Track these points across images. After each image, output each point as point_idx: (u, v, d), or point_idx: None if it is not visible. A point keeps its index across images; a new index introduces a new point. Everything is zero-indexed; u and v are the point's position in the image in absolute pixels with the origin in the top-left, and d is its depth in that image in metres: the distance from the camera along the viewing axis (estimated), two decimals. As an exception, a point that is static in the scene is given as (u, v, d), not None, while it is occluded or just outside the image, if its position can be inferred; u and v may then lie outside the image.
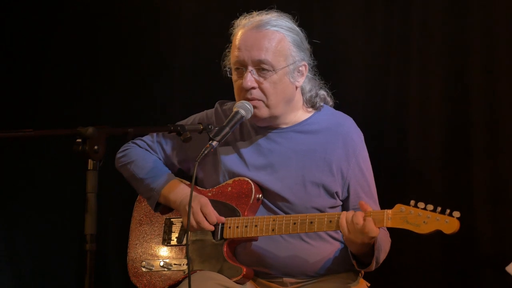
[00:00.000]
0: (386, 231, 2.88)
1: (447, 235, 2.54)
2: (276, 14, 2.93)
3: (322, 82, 3.02)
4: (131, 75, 4.37)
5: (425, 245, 3.66)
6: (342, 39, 3.90)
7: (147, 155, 3.06)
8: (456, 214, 2.52)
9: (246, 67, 2.84)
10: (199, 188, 2.99)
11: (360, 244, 2.70)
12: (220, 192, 2.93)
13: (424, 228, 2.56)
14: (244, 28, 2.89)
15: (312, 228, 2.74)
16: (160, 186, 2.95)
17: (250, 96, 2.84)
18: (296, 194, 2.87)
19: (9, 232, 4.53)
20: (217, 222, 2.86)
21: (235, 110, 2.82)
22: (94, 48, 4.44)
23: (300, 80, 2.92)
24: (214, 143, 2.71)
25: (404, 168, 3.78)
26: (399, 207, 2.61)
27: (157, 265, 3.00)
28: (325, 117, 2.98)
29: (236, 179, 2.92)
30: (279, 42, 2.86)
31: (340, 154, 2.91)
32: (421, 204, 2.56)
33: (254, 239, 2.86)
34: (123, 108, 4.34)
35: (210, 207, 2.85)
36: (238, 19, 2.95)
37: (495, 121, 3.63)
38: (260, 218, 2.81)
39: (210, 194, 2.94)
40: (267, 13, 2.93)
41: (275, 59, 2.84)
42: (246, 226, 2.82)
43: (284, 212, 2.86)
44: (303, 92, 2.97)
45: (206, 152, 2.69)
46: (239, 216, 2.86)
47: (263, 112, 2.87)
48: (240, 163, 2.94)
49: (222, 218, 2.87)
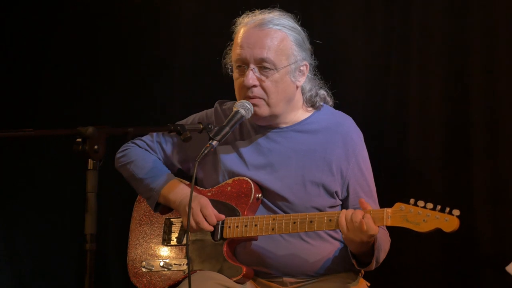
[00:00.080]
0: (385, 230, 2.89)
1: (447, 234, 2.55)
2: (278, 13, 2.93)
3: (322, 82, 3.02)
4: (131, 75, 4.37)
5: (425, 245, 3.66)
6: (342, 39, 3.90)
7: (147, 155, 3.06)
8: (456, 212, 2.52)
9: (248, 65, 2.83)
10: (198, 188, 2.99)
11: (359, 242, 2.69)
12: (220, 192, 2.93)
13: (423, 227, 2.56)
14: (246, 26, 2.88)
15: (312, 227, 2.73)
16: (160, 186, 2.94)
17: (251, 94, 2.84)
18: (295, 193, 2.87)
19: (9, 232, 4.53)
20: (217, 222, 2.87)
21: (235, 109, 2.82)
22: (94, 48, 4.44)
23: (301, 80, 2.92)
24: (214, 142, 2.71)
25: (404, 168, 3.78)
26: (398, 205, 2.61)
27: (157, 265, 3.00)
28: (325, 116, 2.98)
29: (236, 178, 2.92)
30: (282, 41, 2.86)
31: (339, 153, 2.91)
32: (420, 203, 2.56)
33: (254, 239, 2.86)
34: (123, 108, 4.34)
35: (210, 208, 2.85)
36: (240, 17, 2.95)
37: (495, 121, 3.63)
38: (259, 217, 2.81)
39: (209, 194, 2.94)
40: (269, 12, 2.93)
41: (277, 58, 2.83)
42: (246, 226, 2.82)
43: (284, 212, 2.86)
44: (303, 92, 2.97)
45: (206, 151, 2.69)
46: (239, 215, 2.86)
47: (263, 110, 2.86)
48: (239, 162, 2.94)
49: (222, 216, 2.86)
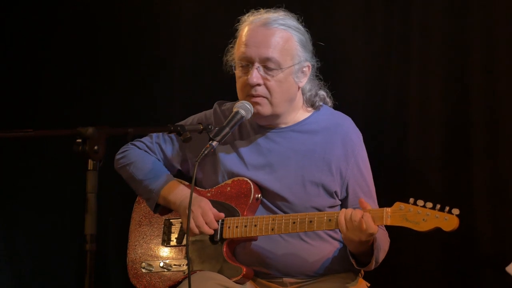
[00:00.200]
0: (385, 230, 2.89)
1: (447, 233, 2.55)
2: (283, 13, 2.93)
3: (322, 83, 3.02)
4: (131, 75, 4.36)
5: (424, 244, 3.66)
6: (342, 39, 3.89)
7: (146, 157, 3.06)
8: (455, 211, 2.52)
9: (253, 64, 2.83)
10: (198, 188, 2.99)
11: (358, 242, 2.69)
12: (219, 192, 2.93)
13: (423, 226, 2.56)
14: (251, 24, 2.88)
15: (312, 227, 2.73)
16: (159, 187, 2.94)
17: (254, 93, 2.84)
18: (295, 193, 2.87)
19: (9, 232, 4.52)
20: (217, 225, 2.87)
21: (235, 110, 2.82)
22: (94, 48, 4.43)
23: (303, 81, 2.92)
24: (214, 143, 2.70)
25: (404, 168, 3.78)
26: (398, 205, 2.61)
27: (157, 266, 3.00)
28: (324, 117, 2.98)
29: (235, 179, 2.92)
30: (287, 41, 2.86)
31: (339, 154, 2.91)
32: (420, 202, 2.57)
33: (254, 239, 2.86)
34: (123, 108, 4.33)
35: (211, 214, 2.85)
36: (245, 15, 2.94)
37: (495, 121, 3.62)
38: (259, 217, 2.81)
39: (209, 195, 2.94)
40: (274, 11, 2.93)
41: (282, 57, 2.84)
42: (246, 226, 2.82)
43: (284, 212, 2.86)
44: (303, 92, 2.97)
45: (206, 152, 2.68)
46: (239, 216, 2.86)
47: (266, 109, 2.86)
48: (239, 163, 2.94)
49: (222, 214, 2.86)
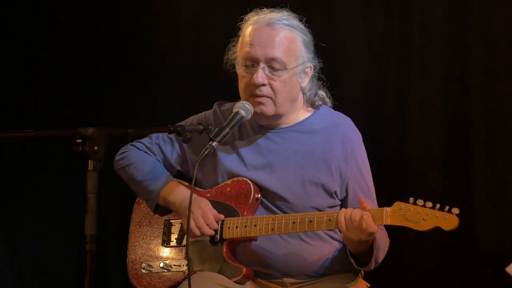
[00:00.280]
0: (384, 231, 2.89)
1: (447, 232, 2.54)
2: (286, 13, 2.92)
3: (321, 83, 3.02)
4: (131, 75, 4.37)
5: (424, 244, 3.66)
6: (342, 39, 3.90)
7: (146, 157, 3.05)
8: (455, 210, 2.52)
9: (258, 63, 2.82)
10: (198, 189, 2.99)
11: (358, 242, 2.69)
12: (219, 193, 2.93)
13: (423, 225, 2.56)
14: (255, 24, 2.87)
15: (312, 227, 2.73)
16: (159, 188, 2.94)
17: (259, 93, 2.83)
18: (295, 193, 2.87)
19: (9, 232, 4.52)
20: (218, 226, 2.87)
21: (235, 110, 2.82)
22: (94, 48, 4.43)
23: (305, 81, 2.93)
24: (214, 143, 2.70)
25: (404, 168, 3.78)
26: (398, 204, 2.61)
27: (157, 266, 3.00)
28: (323, 117, 2.98)
29: (235, 179, 2.91)
30: (292, 41, 2.86)
31: (338, 154, 2.91)
32: (420, 201, 2.56)
33: (254, 239, 2.86)
34: (123, 108, 4.34)
35: (211, 215, 2.85)
36: (248, 14, 2.94)
37: (495, 121, 3.62)
38: (259, 217, 2.81)
39: (209, 195, 2.94)
40: (278, 11, 2.92)
41: (287, 58, 2.83)
42: (246, 226, 2.82)
43: (283, 212, 2.86)
44: (304, 92, 2.97)
45: (206, 152, 2.68)
46: (238, 216, 2.86)
47: (269, 109, 2.86)
48: (239, 163, 2.94)
49: (221, 216, 2.86)
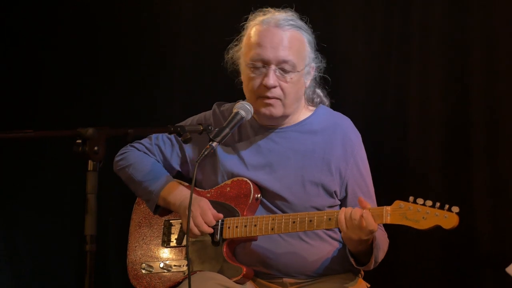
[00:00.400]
0: (384, 231, 2.89)
1: (447, 231, 2.54)
2: (290, 13, 2.92)
3: (319, 82, 3.01)
4: (131, 75, 4.37)
5: (424, 243, 3.66)
6: (342, 39, 3.90)
7: (146, 158, 3.05)
8: (455, 209, 2.52)
9: (269, 65, 2.82)
10: (198, 189, 2.98)
11: (358, 241, 2.69)
12: (219, 193, 2.92)
13: (423, 224, 2.56)
14: (263, 24, 2.85)
15: (312, 226, 2.73)
16: (159, 189, 2.94)
17: (270, 95, 2.83)
18: (295, 193, 2.87)
19: (9, 232, 4.53)
20: (216, 222, 2.86)
21: (235, 111, 2.82)
22: (94, 48, 4.43)
23: (308, 81, 2.93)
24: (214, 144, 2.70)
25: (404, 168, 3.78)
26: (398, 203, 2.60)
27: (157, 266, 3.00)
28: (323, 117, 2.98)
29: (235, 179, 2.91)
30: (301, 43, 2.86)
31: (338, 154, 2.91)
32: (420, 200, 2.56)
33: (254, 239, 2.85)
34: (123, 108, 4.34)
35: (210, 214, 2.85)
36: (253, 14, 2.93)
37: (495, 121, 3.62)
38: (259, 217, 2.81)
39: (208, 195, 2.93)
40: (284, 11, 2.92)
41: (297, 60, 2.83)
42: (246, 226, 2.82)
43: (283, 212, 2.86)
44: (304, 91, 2.97)
45: (206, 153, 2.68)
46: (238, 216, 2.86)
47: (278, 110, 2.86)
48: (239, 163, 2.93)
49: (220, 215, 2.86)
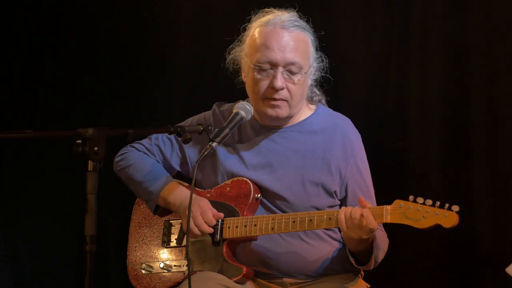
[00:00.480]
0: (384, 231, 2.90)
1: (447, 230, 2.54)
2: (293, 13, 2.91)
3: (317, 80, 3.02)
4: (131, 75, 4.37)
5: (425, 242, 3.66)
6: (342, 39, 3.90)
7: (146, 158, 3.05)
8: (455, 208, 2.52)
9: (277, 67, 2.81)
10: (198, 189, 2.98)
11: (358, 240, 2.69)
12: (219, 193, 2.93)
13: (423, 223, 2.56)
14: (270, 26, 2.84)
15: (312, 225, 2.73)
16: (159, 189, 2.94)
17: (277, 97, 2.83)
18: (295, 193, 2.87)
19: (9, 232, 4.53)
20: (216, 222, 2.86)
21: (235, 111, 2.82)
22: (94, 48, 4.43)
23: (310, 81, 2.94)
24: (214, 144, 2.70)
25: (404, 168, 3.78)
26: (398, 202, 2.61)
27: (157, 267, 3.00)
28: (323, 117, 2.98)
29: (235, 179, 2.91)
30: (306, 44, 2.87)
31: (338, 154, 2.91)
32: (420, 199, 2.56)
33: (254, 239, 2.86)
34: (123, 108, 4.34)
35: (210, 214, 2.85)
36: (256, 15, 2.92)
37: (495, 121, 3.62)
38: (259, 217, 2.81)
39: (208, 195, 2.94)
40: (287, 11, 2.91)
41: (304, 61, 2.84)
42: (246, 226, 2.82)
43: (283, 212, 2.86)
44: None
45: (206, 153, 2.69)
46: (238, 216, 2.86)
47: (284, 112, 2.86)
48: (239, 163, 2.94)
49: (221, 214, 2.86)
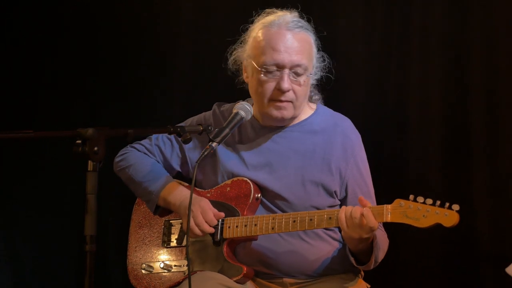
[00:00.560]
0: (384, 231, 2.89)
1: (447, 229, 2.54)
2: (295, 13, 2.91)
3: (319, 81, 3.02)
4: (131, 75, 4.37)
5: (425, 241, 3.66)
6: (342, 39, 3.90)
7: (146, 159, 3.05)
8: (455, 207, 2.52)
9: (283, 69, 2.81)
10: (198, 189, 2.98)
11: (358, 239, 2.69)
12: (219, 193, 2.93)
13: (423, 222, 2.56)
14: (275, 27, 2.84)
15: (312, 225, 2.73)
16: (159, 189, 2.93)
17: (283, 98, 2.83)
18: (295, 193, 2.87)
19: (9, 232, 4.53)
20: (217, 223, 2.86)
21: (235, 111, 2.82)
22: (94, 48, 4.43)
23: (312, 81, 2.94)
24: (214, 144, 2.70)
25: (404, 168, 3.78)
26: (398, 201, 2.60)
27: (157, 267, 3.00)
28: (323, 117, 2.98)
29: (235, 179, 2.91)
30: (310, 45, 2.87)
31: (338, 154, 2.91)
32: (420, 198, 2.56)
33: (254, 238, 2.85)
34: (123, 108, 4.34)
35: (211, 213, 2.85)
36: (259, 15, 2.92)
37: (495, 121, 3.63)
38: (259, 217, 2.81)
39: (209, 195, 2.93)
40: (289, 12, 2.91)
41: (309, 62, 2.84)
42: (246, 225, 2.82)
43: (283, 212, 2.86)
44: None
45: (206, 153, 2.68)
46: (239, 215, 2.86)
47: (289, 113, 2.86)
48: (239, 163, 2.93)
49: (222, 214, 2.86)
